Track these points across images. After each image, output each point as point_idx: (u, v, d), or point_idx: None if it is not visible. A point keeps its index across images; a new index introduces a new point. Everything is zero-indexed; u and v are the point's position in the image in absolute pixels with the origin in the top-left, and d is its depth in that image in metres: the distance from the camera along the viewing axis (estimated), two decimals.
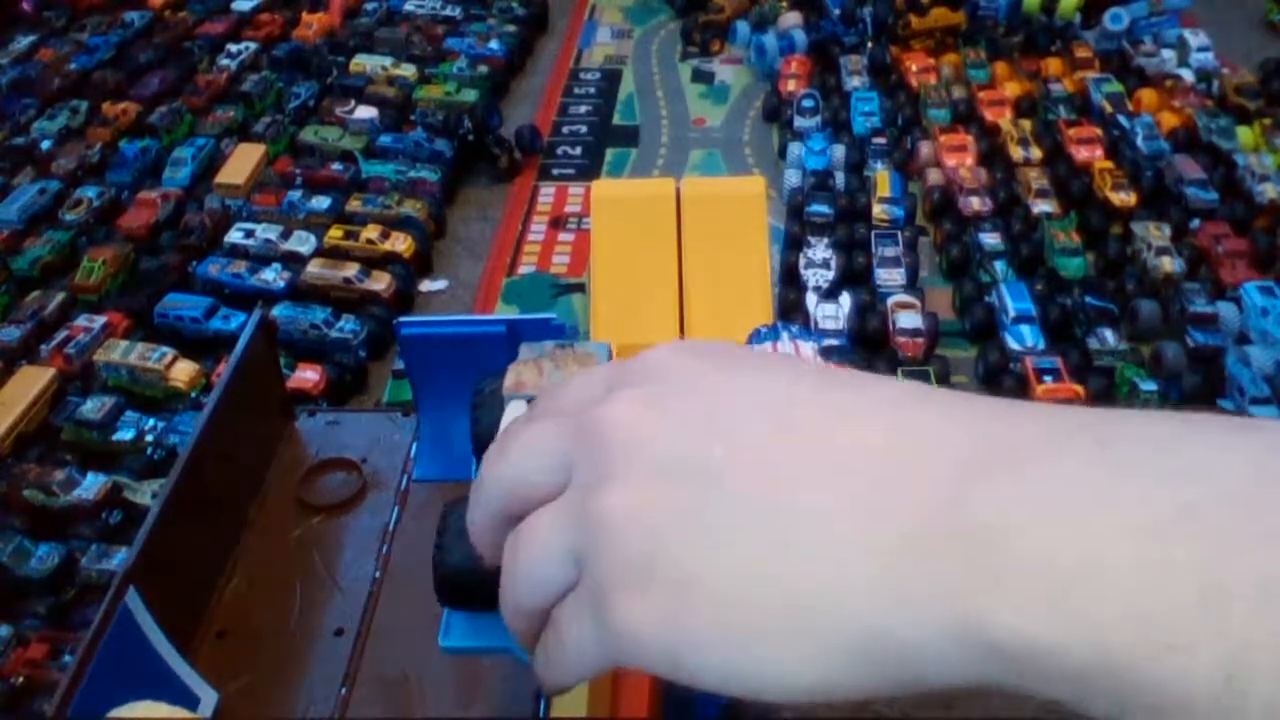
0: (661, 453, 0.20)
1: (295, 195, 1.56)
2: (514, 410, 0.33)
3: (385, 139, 1.69)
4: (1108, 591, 0.16)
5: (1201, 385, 1.24)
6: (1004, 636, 0.17)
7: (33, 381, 1.26)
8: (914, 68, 1.80)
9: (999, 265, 1.41)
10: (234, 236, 1.49)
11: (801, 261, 1.41)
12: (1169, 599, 0.15)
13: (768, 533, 0.19)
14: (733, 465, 0.20)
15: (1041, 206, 1.48)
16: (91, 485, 1.13)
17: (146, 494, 1.13)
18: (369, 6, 2.08)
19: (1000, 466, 0.18)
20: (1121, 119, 1.62)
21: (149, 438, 1.20)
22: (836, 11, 1.91)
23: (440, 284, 1.49)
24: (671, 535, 0.20)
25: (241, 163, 1.62)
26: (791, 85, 1.79)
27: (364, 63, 1.89)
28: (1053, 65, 1.78)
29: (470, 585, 0.36)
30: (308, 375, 1.27)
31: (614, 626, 0.20)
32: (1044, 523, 0.17)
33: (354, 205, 1.55)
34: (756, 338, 0.53)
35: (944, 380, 1.28)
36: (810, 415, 0.20)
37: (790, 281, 1.40)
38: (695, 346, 0.23)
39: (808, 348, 0.53)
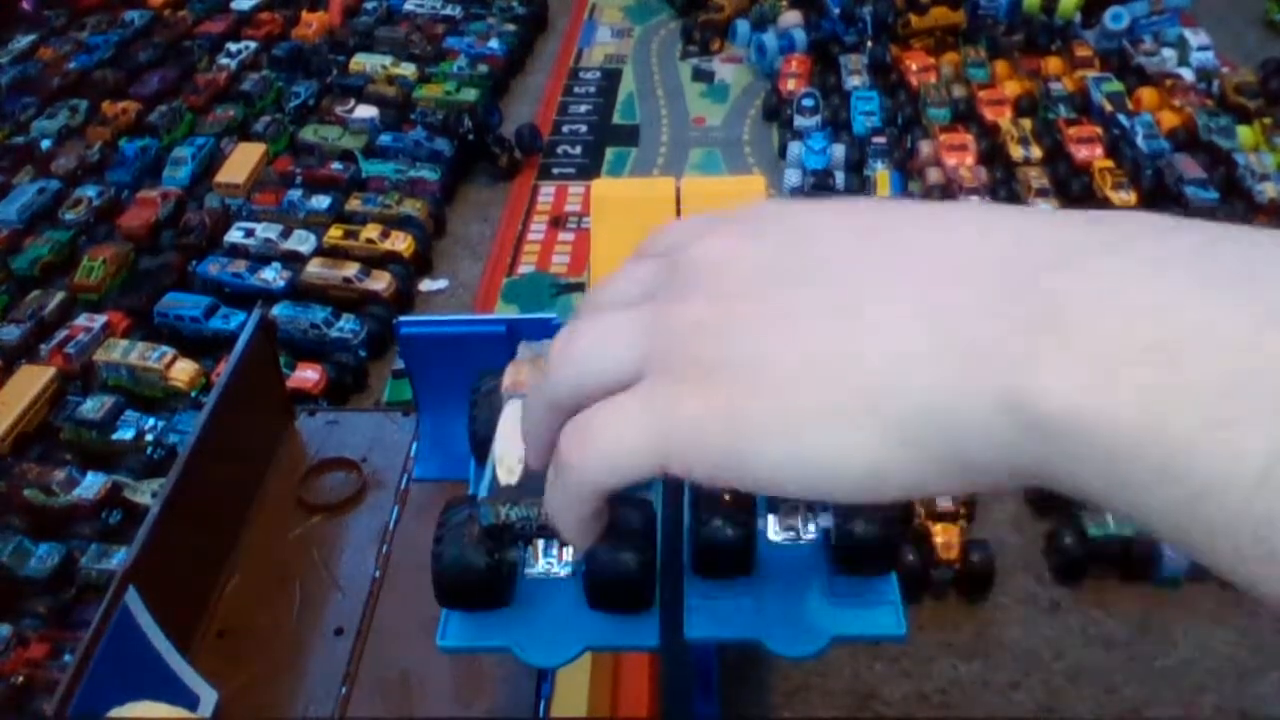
0: (748, 268, 0.21)
1: (295, 194, 1.56)
2: (513, 409, 0.32)
3: (385, 138, 1.69)
4: (1169, 369, 0.16)
5: None
6: (1054, 408, 0.17)
7: (33, 381, 1.26)
8: (914, 67, 1.79)
9: None
10: (234, 236, 1.49)
11: None
12: (1227, 376, 0.15)
13: (838, 320, 0.19)
14: (815, 270, 0.20)
15: (1041, 206, 1.48)
16: (91, 485, 1.13)
17: (146, 494, 1.13)
18: (369, 6, 2.08)
19: (1078, 255, 0.18)
20: (1121, 118, 1.62)
21: (149, 437, 1.20)
22: (836, 11, 1.91)
23: (440, 284, 1.49)
24: (743, 331, 0.20)
25: (241, 162, 1.62)
26: (791, 84, 1.79)
27: (364, 62, 1.88)
28: (1053, 64, 1.77)
29: (469, 584, 0.36)
30: (308, 375, 1.27)
31: (672, 416, 0.20)
32: (1112, 303, 0.17)
33: (354, 205, 1.55)
34: None
35: None
36: (895, 223, 0.21)
37: None
38: (784, 201, 0.24)
39: None
